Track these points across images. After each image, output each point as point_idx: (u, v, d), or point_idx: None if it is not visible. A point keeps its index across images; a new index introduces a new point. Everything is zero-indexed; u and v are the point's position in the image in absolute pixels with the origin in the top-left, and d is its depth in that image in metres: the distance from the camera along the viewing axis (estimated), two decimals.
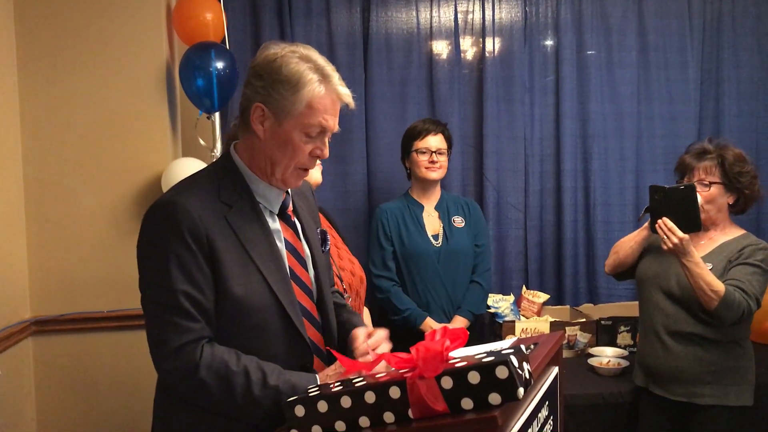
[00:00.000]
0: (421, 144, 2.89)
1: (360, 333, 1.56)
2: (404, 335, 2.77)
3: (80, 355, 2.72)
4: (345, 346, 1.59)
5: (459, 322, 2.87)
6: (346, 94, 1.47)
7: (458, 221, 2.97)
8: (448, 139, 2.96)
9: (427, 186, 2.97)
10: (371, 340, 1.52)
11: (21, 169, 2.64)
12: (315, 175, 2.16)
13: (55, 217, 2.66)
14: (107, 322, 2.71)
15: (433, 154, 2.88)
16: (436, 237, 2.92)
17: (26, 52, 2.63)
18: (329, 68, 1.45)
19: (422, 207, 2.97)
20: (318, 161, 2.13)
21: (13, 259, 2.58)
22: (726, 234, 2.39)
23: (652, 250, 2.52)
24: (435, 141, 2.89)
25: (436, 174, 2.92)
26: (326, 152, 1.49)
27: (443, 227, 2.94)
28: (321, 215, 2.43)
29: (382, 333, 1.56)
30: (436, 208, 2.99)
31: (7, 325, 2.48)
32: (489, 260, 3.07)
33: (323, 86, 1.42)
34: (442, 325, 2.69)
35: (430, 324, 2.81)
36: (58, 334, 2.68)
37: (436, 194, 3.01)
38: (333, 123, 1.46)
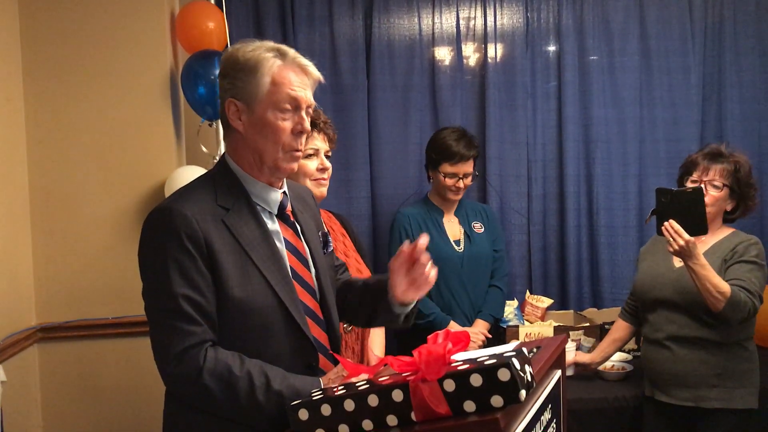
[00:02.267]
0: (451, 168, 2.87)
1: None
2: (423, 340, 2.77)
3: (86, 362, 2.73)
4: (380, 298, 1.60)
5: (481, 326, 2.89)
6: (306, 64, 1.49)
7: (478, 227, 2.99)
8: (477, 157, 2.96)
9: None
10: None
11: (26, 176, 2.66)
12: (323, 191, 2.16)
13: (60, 225, 2.68)
14: (112, 328, 2.72)
15: (461, 180, 2.89)
16: (458, 242, 2.95)
17: (32, 61, 2.65)
18: (285, 47, 1.49)
19: (442, 212, 2.99)
20: (327, 177, 2.16)
21: (19, 266, 2.59)
22: (716, 235, 2.40)
23: (646, 261, 2.53)
24: (466, 166, 2.89)
25: (459, 196, 2.96)
26: (306, 125, 1.50)
27: (464, 232, 2.96)
28: (337, 221, 2.45)
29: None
30: (456, 213, 3.01)
31: (12, 332, 2.49)
32: (506, 265, 3.10)
33: (280, 60, 1.46)
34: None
35: (454, 328, 2.83)
36: (63, 341, 2.69)
37: (457, 200, 3.03)
38: (304, 94, 1.48)
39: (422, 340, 1.24)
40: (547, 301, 3.22)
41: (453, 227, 2.98)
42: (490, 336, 2.89)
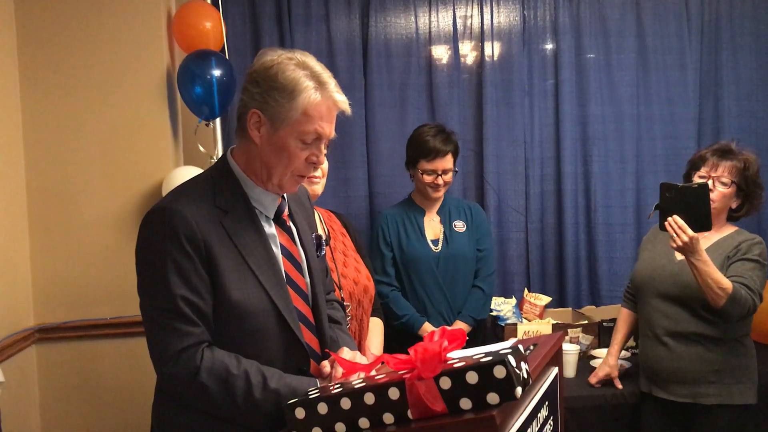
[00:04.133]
0: (428, 165, 2.83)
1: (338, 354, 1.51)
2: (405, 340, 2.77)
3: (84, 363, 2.73)
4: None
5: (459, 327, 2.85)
6: (342, 101, 1.48)
7: (459, 226, 2.96)
8: (456, 154, 2.92)
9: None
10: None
11: (24, 177, 2.66)
12: (316, 188, 2.15)
13: (57, 225, 2.68)
14: (110, 329, 2.72)
15: (439, 176, 2.85)
16: (435, 242, 2.91)
17: (28, 61, 2.65)
18: (326, 75, 1.46)
19: (423, 212, 2.96)
20: (321, 176, 2.16)
21: (17, 267, 2.59)
22: (720, 232, 2.41)
23: (647, 251, 2.53)
24: (444, 162, 2.84)
25: (440, 194, 2.91)
26: (322, 159, 1.50)
27: (444, 232, 2.93)
28: (338, 221, 2.45)
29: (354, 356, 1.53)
30: (438, 212, 2.98)
31: (11, 333, 2.49)
32: (492, 264, 3.03)
33: (319, 93, 1.43)
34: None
35: (427, 329, 2.81)
36: (61, 341, 2.69)
37: (439, 199, 3.00)
38: (329, 130, 1.47)
39: (398, 342, 1.24)
40: (545, 299, 3.22)
41: (434, 226, 2.94)
42: (466, 338, 2.86)
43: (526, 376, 1.12)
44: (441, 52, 3.43)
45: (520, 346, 1.17)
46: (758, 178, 2.39)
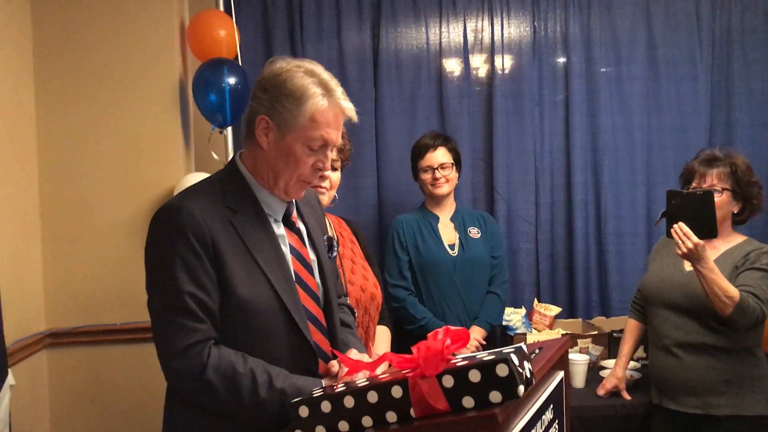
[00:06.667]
0: (423, 163, 2.90)
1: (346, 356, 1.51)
2: None
3: (94, 368, 2.75)
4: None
5: (476, 332, 2.86)
6: (348, 108, 1.50)
7: (474, 232, 2.97)
8: (453, 151, 2.94)
9: (439, 199, 2.98)
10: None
11: (37, 183, 2.70)
12: (322, 198, 2.16)
13: (69, 231, 2.71)
14: (121, 334, 2.74)
15: (436, 170, 2.88)
16: (452, 247, 2.92)
17: (43, 70, 2.69)
18: (333, 83, 1.48)
19: (437, 218, 2.98)
20: (330, 188, 2.17)
21: (29, 272, 2.62)
22: (729, 242, 2.38)
23: (656, 262, 2.51)
24: (436, 157, 2.88)
25: (441, 190, 2.92)
26: (328, 165, 1.53)
27: (459, 237, 2.94)
28: (348, 228, 2.46)
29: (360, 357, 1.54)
30: (452, 219, 3.00)
31: (22, 337, 2.51)
32: (506, 272, 3.06)
33: (326, 100, 1.46)
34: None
35: None
36: (72, 346, 2.72)
37: (451, 206, 3.02)
38: (335, 136, 1.50)
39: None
40: (555, 310, 3.20)
41: (448, 232, 2.96)
42: (484, 343, 2.86)
43: (529, 375, 1.12)
44: (452, 64, 3.45)
45: (524, 346, 1.17)
46: (752, 177, 2.36)
